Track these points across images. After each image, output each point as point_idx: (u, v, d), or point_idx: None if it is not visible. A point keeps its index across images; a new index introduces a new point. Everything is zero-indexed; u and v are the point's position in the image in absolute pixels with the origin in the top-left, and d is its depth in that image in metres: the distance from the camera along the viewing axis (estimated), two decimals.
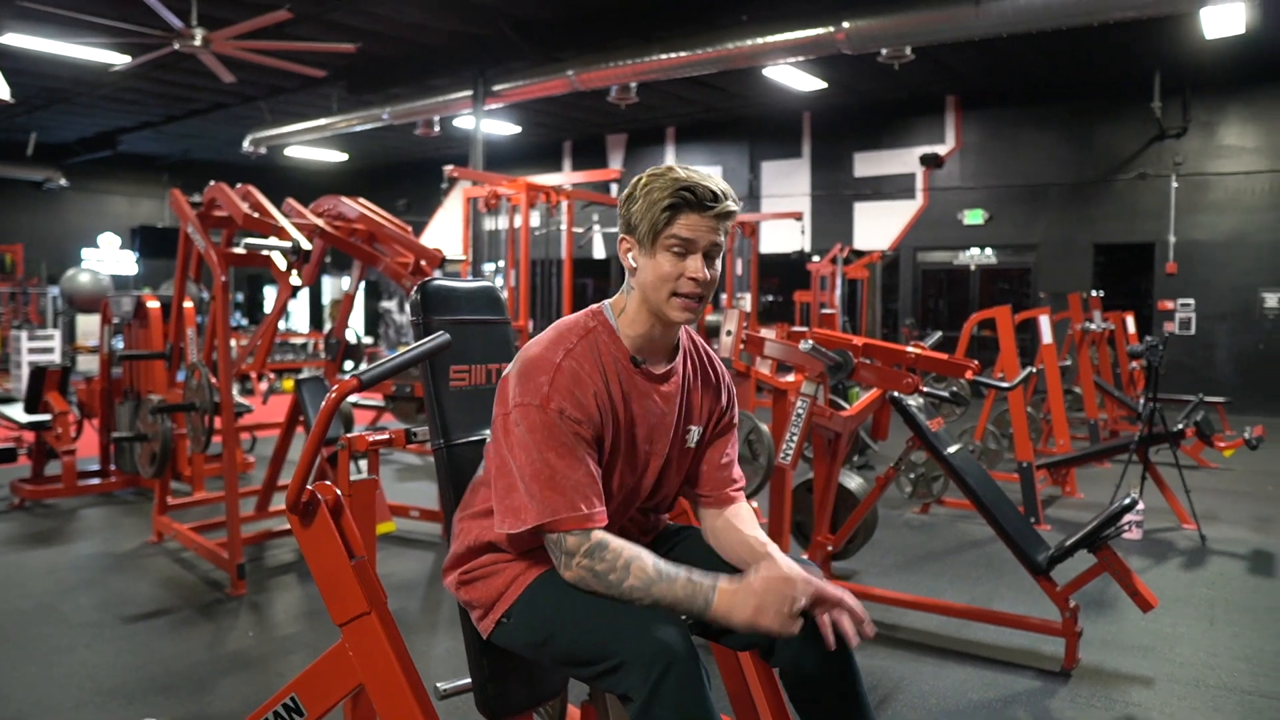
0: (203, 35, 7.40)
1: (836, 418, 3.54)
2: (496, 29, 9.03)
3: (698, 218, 1.54)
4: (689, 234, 1.54)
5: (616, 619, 1.47)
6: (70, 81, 11.20)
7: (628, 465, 1.65)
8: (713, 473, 1.78)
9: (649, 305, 1.60)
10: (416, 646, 3.35)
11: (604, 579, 1.49)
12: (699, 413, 1.74)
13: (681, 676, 1.38)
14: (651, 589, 1.48)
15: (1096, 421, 6.90)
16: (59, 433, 5.66)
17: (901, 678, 3.05)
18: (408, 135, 12.98)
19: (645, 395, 1.64)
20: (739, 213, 1.61)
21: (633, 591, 1.48)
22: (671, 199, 1.53)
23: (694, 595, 1.48)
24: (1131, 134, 11.18)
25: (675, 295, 1.56)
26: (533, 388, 1.53)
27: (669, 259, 1.55)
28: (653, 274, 1.56)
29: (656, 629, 1.43)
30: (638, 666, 1.40)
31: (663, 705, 1.37)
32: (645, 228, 1.56)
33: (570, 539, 1.51)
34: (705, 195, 1.53)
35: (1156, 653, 3.30)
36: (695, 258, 1.55)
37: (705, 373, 1.77)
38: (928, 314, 13.08)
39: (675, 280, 1.55)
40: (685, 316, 1.58)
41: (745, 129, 13.86)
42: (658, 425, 1.66)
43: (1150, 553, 4.65)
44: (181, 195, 4.42)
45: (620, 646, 1.43)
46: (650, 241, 1.56)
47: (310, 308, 19.09)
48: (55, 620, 3.60)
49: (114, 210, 17.39)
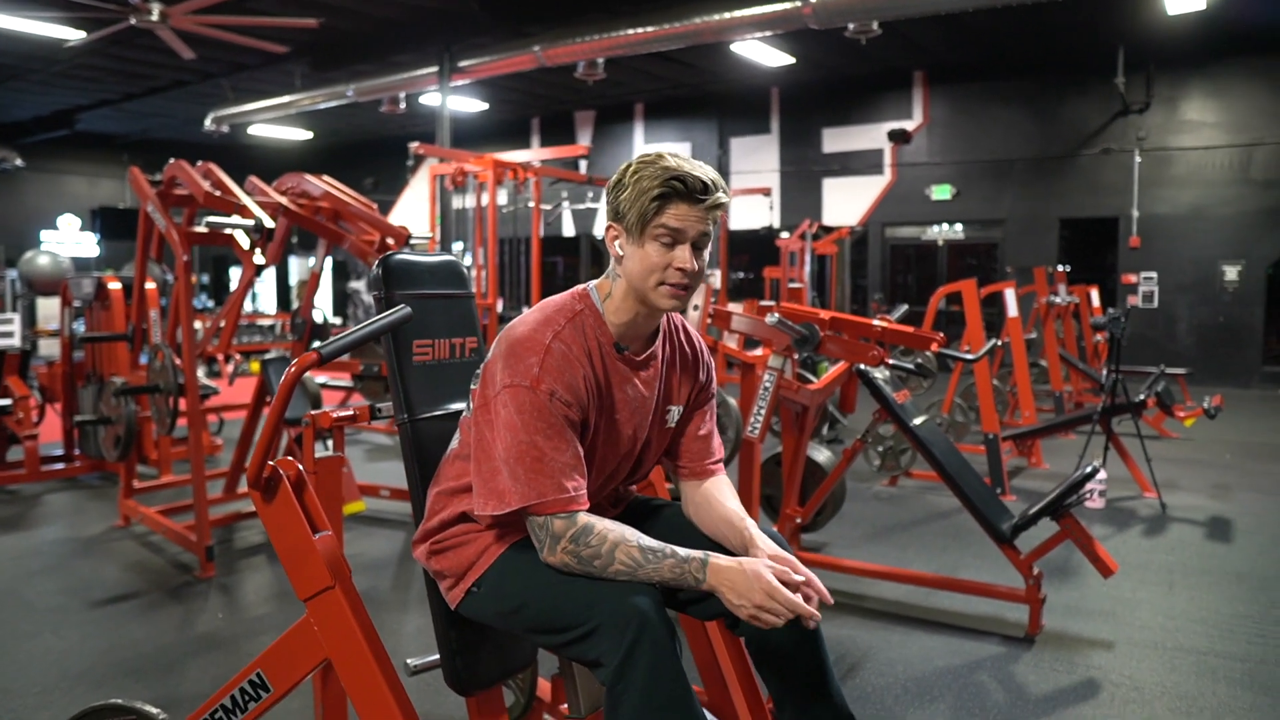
0: (160, 10, 7.24)
1: (804, 391, 3.56)
2: (462, 3, 8.92)
3: (687, 208, 1.52)
4: (678, 224, 1.52)
5: (589, 586, 1.48)
6: (23, 58, 10.91)
7: (609, 448, 1.65)
8: (691, 444, 1.78)
9: (636, 293, 1.58)
10: (387, 624, 3.35)
11: (589, 564, 1.48)
12: (678, 393, 1.74)
13: (655, 641, 1.39)
14: (637, 573, 1.48)
15: (1062, 394, 7.01)
16: (20, 417, 5.57)
17: (870, 646, 3.10)
18: (373, 112, 12.81)
19: (627, 381, 1.64)
20: (728, 203, 1.58)
21: (618, 576, 1.48)
22: (661, 188, 1.51)
23: (682, 579, 1.48)
24: (1096, 109, 11.29)
25: (663, 284, 1.54)
26: (522, 369, 1.51)
27: (657, 249, 1.53)
28: (640, 264, 1.54)
29: (630, 595, 1.44)
30: (611, 632, 1.41)
31: (636, 669, 1.38)
32: (634, 216, 1.53)
33: (557, 522, 1.49)
34: (696, 186, 1.51)
35: (1117, 617, 3.38)
36: (684, 248, 1.53)
37: (684, 352, 1.76)
38: (897, 289, 13.17)
39: (663, 270, 1.53)
40: (672, 304, 1.57)
41: (714, 105, 13.83)
42: (639, 409, 1.66)
43: (1113, 520, 4.75)
44: (141, 174, 4.33)
45: (594, 612, 1.44)
46: (639, 230, 1.54)
47: (277, 288, 18.86)
48: (19, 606, 3.55)
49: (73, 191, 17.03)
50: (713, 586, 1.47)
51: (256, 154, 17.24)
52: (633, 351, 1.65)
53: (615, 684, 1.39)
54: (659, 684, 1.38)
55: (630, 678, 1.38)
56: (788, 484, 3.81)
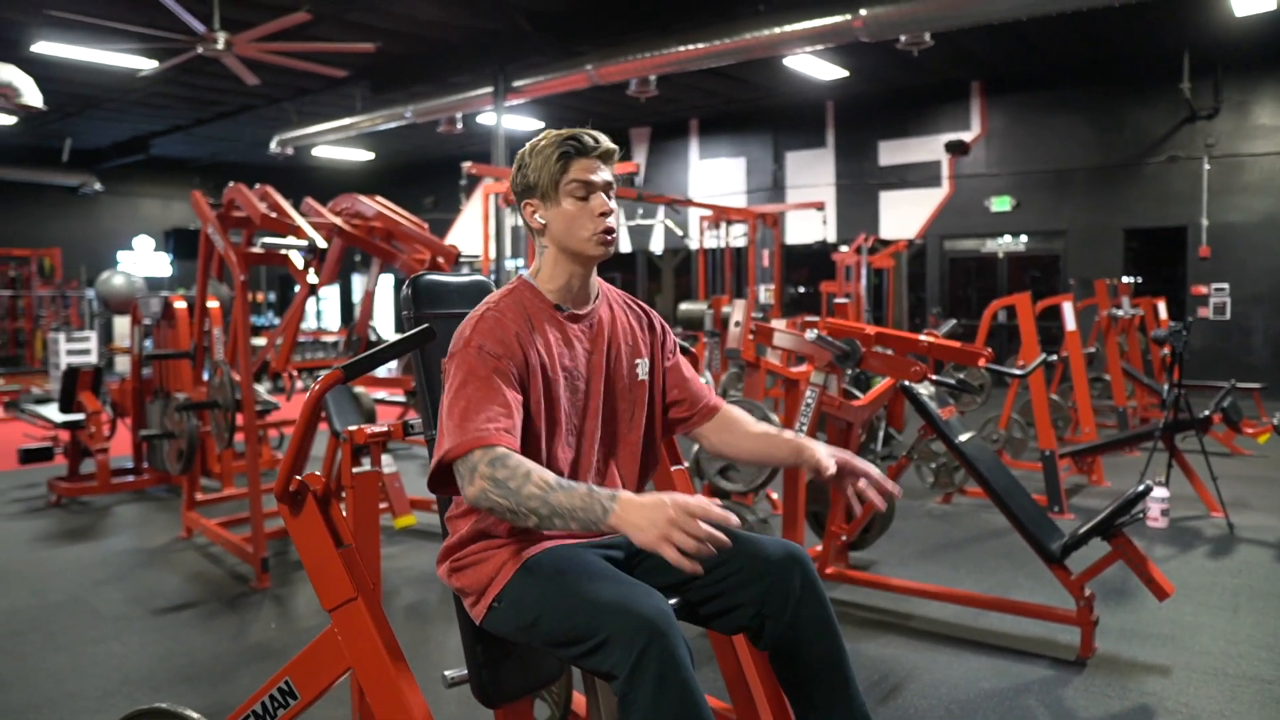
0: (225, 38, 7.51)
1: (847, 407, 3.53)
2: (515, 24, 9.08)
3: (587, 160, 1.70)
4: (585, 175, 1.69)
5: (599, 598, 1.49)
6: (101, 88, 11.41)
7: (571, 403, 1.72)
8: (683, 394, 1.90)
9: (566, 252, 1.72)
10: (434, 637, 3.40)
11: (504, 486, 1.48)
12: (637, 345, 1.84)
13: (663, 651, 1.40)
14: (549, 496, 1.46)
15: (1125, 409, 6.81)
16: (92, 431, 5.80)
17: (914, 666, 3.05)
18: (431, 133, 13.08)
19: (568, 332, 1.74)
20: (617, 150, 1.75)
21: (531, 499, 1.47)
22: (561, 149, 1.68)
23: (591, 505, 1.45)
24: (1161, 116, 10.99)
25: (590, 233, 1.69)
26: (457, 338, 1.65)
27: (573, 203, 1.69)
28: (563, 220, 1.70)
29: (638, 605, 1.45)
30: (620, 643, 1.42)
31: (645, 679, 1.39)
32: (545, 181, 1.70)
33: (475, 454, 1.52)
34: (589, 141, 1.70)
35: (1176, 641, 3.26)
36: (597, 195, 1.70)
37: (628, 308, 1.88)
38: (957, 302, 12.96)
39: (587, 219, 1.69)
40: (601, 251, 1.71)
41: (768, 120, 13.80)
42: (588, 360, 1.75)
43: (1176, 541, 4.59)
44: (201, 196, 4.50)
45: (602, 624, 1.45)
46: (553, 192, 1.70)
47: (341, 306, 19.30)
48: (86, 613, 3.69)
49: (147, 213, 17.70)
50: (619, 516, 1.43)
51: (320, 175, 17.72)
52: (572, 309, 1.76)
53: (625, 694, 1.40)
54: (667, 694, 1.38)
55: (639, 688, 1.39)
56: (834, 501, 3.78)
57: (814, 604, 1.65)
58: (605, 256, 1.72)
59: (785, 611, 1.63)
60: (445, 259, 4.63)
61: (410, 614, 3.67)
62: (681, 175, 14.89)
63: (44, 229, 16.11)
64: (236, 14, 8.14)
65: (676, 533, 1.38)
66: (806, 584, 1.65)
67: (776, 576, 1.64)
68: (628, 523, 1.42)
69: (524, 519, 1.48)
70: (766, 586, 1.64)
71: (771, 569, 1.65)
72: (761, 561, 1.66)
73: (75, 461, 6.01)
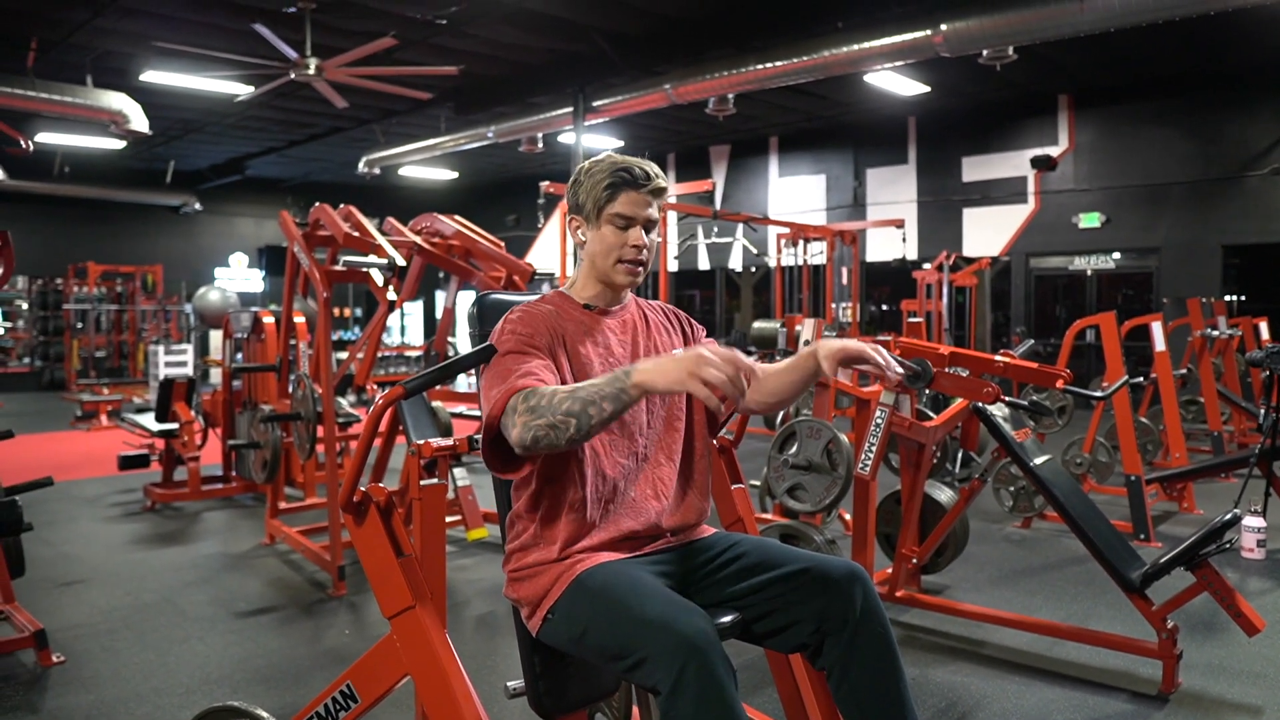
0: (316, 64, 7.81)
1: (918, 427, 3.47)
2: (594, 46, 9.21)
3: (635, 194, 1.76)
4: (629, 210, 1.76)
5: (643, 615, 1.50)
6: (201, 113, 11.98)
7: None
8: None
9: (597, 272, 1.81)
10: (500, 649, 3.45)
11: (537, 411, 1.50)
12: (672, 339, 1.91)
13: (702, 669, 1.40)
14: (577, 393, 1.50)
15: (1220, 433, 6.52)
16: (185, 440, 6.06)
17: (983, 695, 2.97)
18: (513, 152, 13.34)
19: (598, 329, 1.81)
20: (667, 189, 1.81)
21: (562, 404, 1.49)
22: (611, 179, 1.75)
23: (613, 379, 1.49)
24: (1263, 127, 10.51)
25: (620, 262, 1.78)
26: (493, 336, 1.73)
27: (612, 231, 1.77)
28: (599, 245, 1.78)
29: (678, 624, 1.45)
30: (662, 660, 1.43)
31: (685, 698, 1.40)
32: (590, 205, 1.78)
33: (510, 403, 1.56)
34: (640, 175, 1.76)
35: (1267, 680, 3.11)
36: (636, 229, 1.77)
37: (661, 314, 1.95)
38: (1044, 322, 12.59)
39: (620, 249, 1.77)
40: (628, 280, 1.79)
41: (849, 136, 13.68)
42: (620, 352, 1.81)
43: (1273, 573, 4.37)
44: (288, 216, 4.68)
45: (644, 641, 1.47)
46: (595, 217, 1.78)
47: (424, 321, 19.76)
48: (174, 613, 3.86)
49: (243, 231, 18.46)
50: (640, 372, 1.47)
51: (406, 194, 18.22)
52: (600, 308, 1.84)
53: (667, 712, 1.41)
54: (707, 714, 1.39)
55: (680, 707, 1.40)
56: (905, 522, 3.71)
57: (875, 623, 1.64)
58: (632, 286, 1.82)
59: (845, 629, 1.63)
60: (520, 277, 4.72)
61: (479, 625, 3.73)
62: (761, 193, 14.85)
63: (148, 247, 16.95)
64: (327, 40, 8.47)
65: (704, 368, 1.42)
66: (868, 603, 1.64)
67: (838, 593, 1.64)
68: (650, 373, 1.46)
69: (565, 430, 1.49)
70: (827, 603, 1.64)
71: (832, 586, 1.64)
72: (823, 578, 1.65)
73: (169, 469, 6.29)
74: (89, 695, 3.02)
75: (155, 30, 8.41)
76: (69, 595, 4.13)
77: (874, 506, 3.50)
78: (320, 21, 8.10)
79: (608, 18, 8.66)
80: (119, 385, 13.31)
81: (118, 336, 14.93)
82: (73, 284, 14.56)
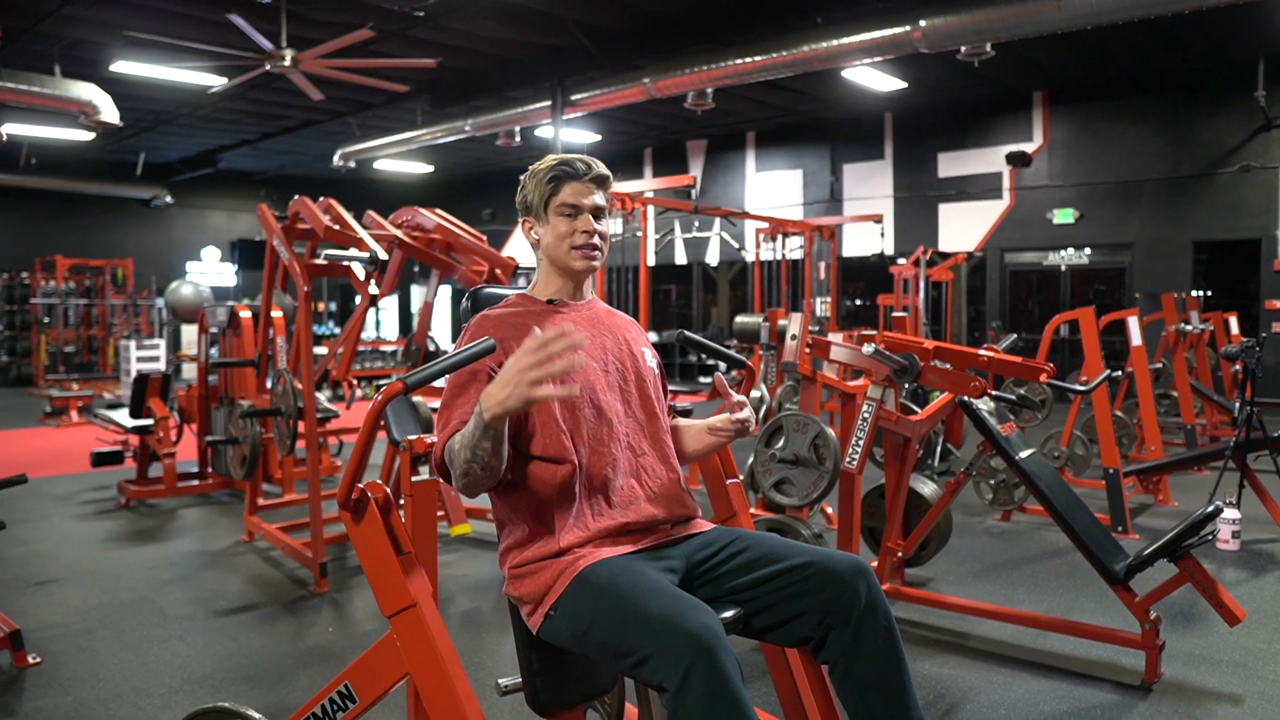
0: (292, 55, 7.72)
1: (904, 422, 3.48)
2: (573, 39, 9.17)
3: (578, 184, 1.85)
4: (573, 199, 1.84)
5: (648, 611, 1.49)
6: (173, 104, 11.81)
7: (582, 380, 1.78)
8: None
9: (555, 264, 1.89)
10: (488, 645, 3.43)
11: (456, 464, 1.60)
12: (638, 337, 1.98)
13: (710, 667, 1.39)
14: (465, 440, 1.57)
15: (1193, 427, 6.61)
16: (160, 436, 5.98)
17: (970, 687, 2.99)
18: (490, 146, 13.27)
19: (559, 318, 1.86)
20: (612, 177, 1.91)
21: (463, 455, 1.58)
22: (553, 173, 1.85)
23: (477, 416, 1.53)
24: (1234, 125, 10.67)
25: (574, 248, 1.84)
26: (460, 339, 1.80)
27: (562, 221, 1.85)
28: (551, 236, 1.86)
29: (685, 621, 1.44)
30: (668, 658, 1.42)
31: (693, 695, 1.39)
32: (537, 201, 1.87)
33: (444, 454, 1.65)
34: (580, 166, 1.85)
35: (1248, 669, 3.15)
36: (583, 217, 1.85)
37: (622, 317, 2.00)
38: (1018, 316, 12.72)
39: (570, 236, 1.84)
40: (584, 264, 1.86)
41: (826, 132, 13.73)
42: (588, 343, 1.85)
43: (1248, 564, 4.44)
44: (267, 209, 4.62)
45: (649, 638, 1.46)
46: (544, 211, 1.87)
47: (400, 316, 19.62)
48: (152, 612, 3.80)
49: (215, 225, 18.23)
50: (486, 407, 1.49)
51: (381, 187, 18.07)
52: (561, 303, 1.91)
53: (675, 710, 1.40)
54: (716, 711, 1.38)
55: (688, 705, 1.39)
56: (890, 516, 3.73)
57: (879, 617, 1.64)
58: (588, 271, 1.89)
59: (850, 623, 1.63)
60: (503, 270, 4.68)
61: (465, 621, 3.71)
62: (738, 187, 14.88)
63: (118, 240, 16.69)
64: (303, 32, 8.37)
65: (530, 373, 1.44)
66: (872, 596, 1.65)
67: (842, 587, 1.64)
68: (492, 402, 1.48)
69: (474, 473, 1.58)
70: (831, 597, 1.64)
71: (836, 579, 1.65)
72: (827, 571, 1.66)
73: (144, 465, 6.20)
74: (67, 696, 2.97)
75: (126, 19, 8.27)
76: (44, 595, 4.05)
77: (859, 500, 3.51)
78: (296, 13, 8.00)
79: (587, 11, 8.63)
80: (89, 381, 13.11)
81: (87, 331, 14.70)
82: (40, 278, 14.29)
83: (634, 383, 1.88)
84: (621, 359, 1.88)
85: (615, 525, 1.74)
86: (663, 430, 1.90)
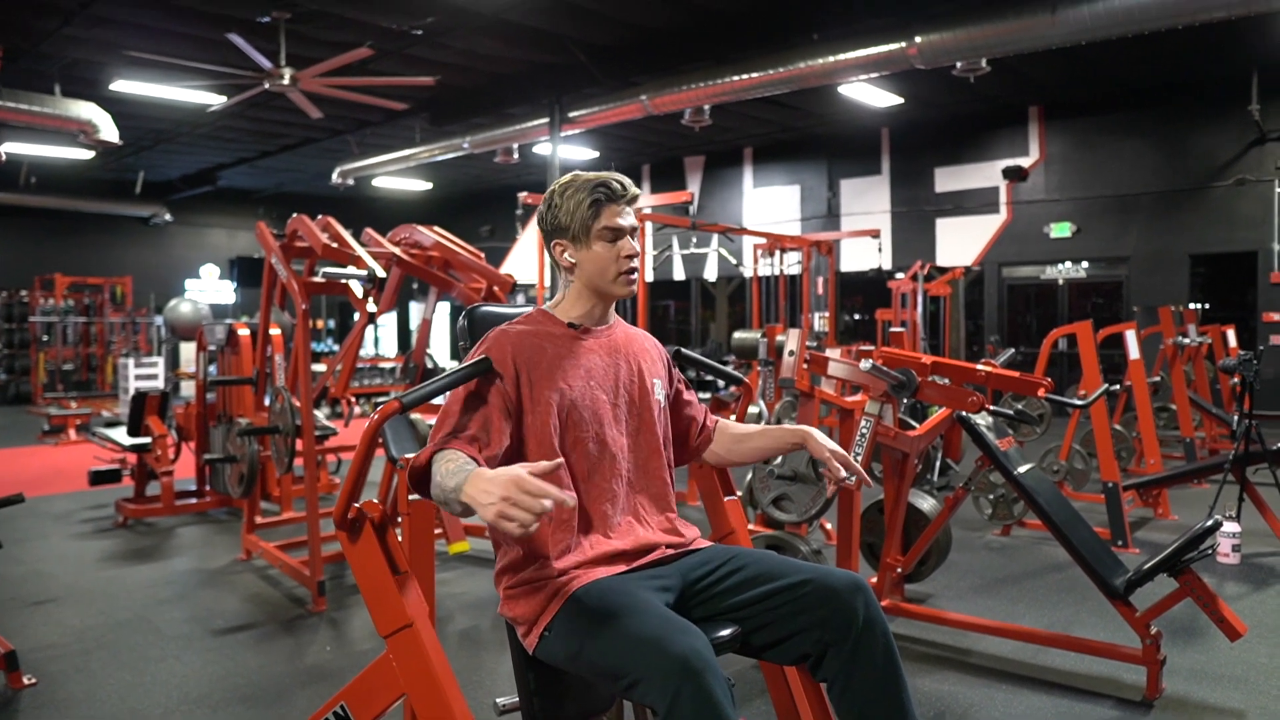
0: (290, 74, 7.76)
1: (903, 437, 3.48)
2: (571, 57, 9.22)
3: (616, 206, 1.80)
4: (614, 221, 1.79)
5: (638, 634, 1.49)
6: (173, 123, 11.85)
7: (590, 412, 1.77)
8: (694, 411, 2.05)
9: (593, 289, 1.83)
10: (486, 664, 3.42)
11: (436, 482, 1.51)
12: (654, 366, 1.94)
13: (697, 691, 1.39)
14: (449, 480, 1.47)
15: (1192, 440, 6.61)
16: (158, 454, 5.96)
17: (970, 704, 2.97)
18: (488, 163, 13.31)
19: (582, 348, 1.83)
20: (639, 194, 1.87)
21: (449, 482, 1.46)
22: (593, 196, 1.78)
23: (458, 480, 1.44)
24: (1228, 138, 10.72)
25: (620, 274, 1.81)
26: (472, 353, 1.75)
27: (604, 246, 1.80)
28: (595, 264, 1.81)
29: (673, 645, 1.44)
30: (656, 680, 1.42)
31: (681, 719, 1.38)
32: (576, 225, 1.80)
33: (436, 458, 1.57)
34: (618, 188, 1.80)
35: (1249, 684, 3.14)
36: (625, 240, 1.81)
37: (639, 336, 1.98)
38: (1016, 330, 12.73)
39: (616, 262, 1.80)
40: (627, 289, 1.83)
41: (823, 147, 13.78)
42: (602, 373, 1.82)
43: (1248, 578, 4.43)
44: (265, 227, 4.63)
45: (638, 662, 1.46)
46: (585, 236, 1.80)
47: (398, 334, 19.62)
48: (149, 631, 3.78)
49: (214, 242, 18.26)
50: (466, 492, 1.39)
51: (380, 205, 18.11)
52: (585, 327, 1.86)
53: None
54: None
55: None
56: (889, 532, 3.72)
57: (877, 634, 1.64)
58: (630, 294, 1.85)
59: (848, 640, 1.63)
60: (501, 288, 4.69)
61: (463, 640, 3.69)
62: (736, 203, 14.92)
63: (117, 258, 16.71)
64: (302, 51, 8.41)
65: (509, 508, 1.32)
66: (870, 614, 1.65)
67: (841, 604, 1.64)
68: (470, 497, 1.38)
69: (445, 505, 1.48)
70: (829, 614, 1.64)
71: (835, 597, 1.65)
72: (825, 589, 1.66)
73: (142, 484, 6.18)
74: (63, 718, 2.95)
75: (126, 39, 8.31)
76: (40, 615, 4.03)
77: (858, 516, 3.50)
78: (295, 32, 8.04)
79: (584, 29, 8.67)
80: (87, 399, 13.08)
81: (86, 349, 14.69)
82: (39, 296, 14.30)
83: (641, 414, 1.87)
84: (632, 391, 1.86)
85: (611, 551, 1.75)
86: (663, 467, 1.90)
